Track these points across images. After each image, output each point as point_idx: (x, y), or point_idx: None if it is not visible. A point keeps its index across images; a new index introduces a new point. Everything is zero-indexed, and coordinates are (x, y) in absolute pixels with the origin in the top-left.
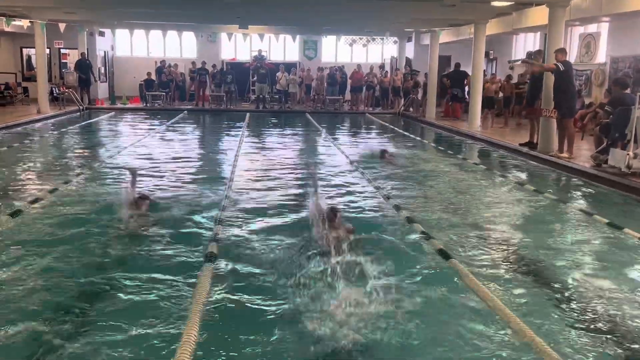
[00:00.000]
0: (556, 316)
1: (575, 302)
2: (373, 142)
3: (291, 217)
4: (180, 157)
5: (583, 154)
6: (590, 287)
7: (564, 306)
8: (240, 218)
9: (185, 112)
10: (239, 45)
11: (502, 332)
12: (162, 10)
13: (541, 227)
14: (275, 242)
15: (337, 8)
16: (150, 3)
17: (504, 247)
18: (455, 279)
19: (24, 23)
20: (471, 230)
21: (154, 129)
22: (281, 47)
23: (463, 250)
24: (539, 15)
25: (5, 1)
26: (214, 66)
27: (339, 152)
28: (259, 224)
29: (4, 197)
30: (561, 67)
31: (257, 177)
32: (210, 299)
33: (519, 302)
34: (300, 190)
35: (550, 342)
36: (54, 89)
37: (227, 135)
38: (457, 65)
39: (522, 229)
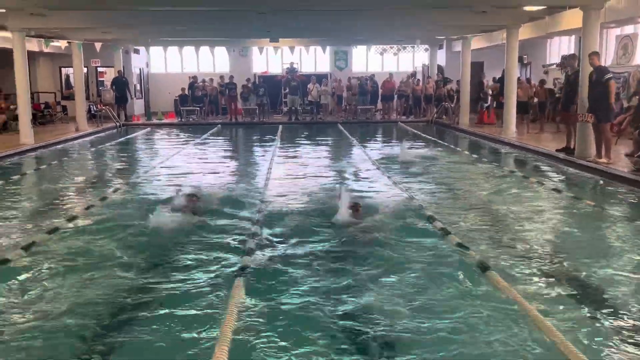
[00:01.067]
0: (602, 330)
1: (622, 315)
2: (405, 149)
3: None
4: (216, 168)
5: (622, 158)
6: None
7: (610, 321)
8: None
9: (219, 126)
10: (270, 58)
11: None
12: (194, 27)
13: (581, 235)
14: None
15: (368, 18)
16: (183, 20)
17: (545, 256)
18: (491, 288)
19: (62, 44)
20: (510, 239)
21: (189, 142)
22: (312, 59)
23: (502, 260)
24: (573, 18)
25: (44, 23)
26: (247, 80)
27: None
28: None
29: (60, 208)
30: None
31: (290, 183)
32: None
33: (561, 313)
34: (330, 193)
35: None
36: (91, 106)
37: (261, 146)
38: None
39: (561, 236)
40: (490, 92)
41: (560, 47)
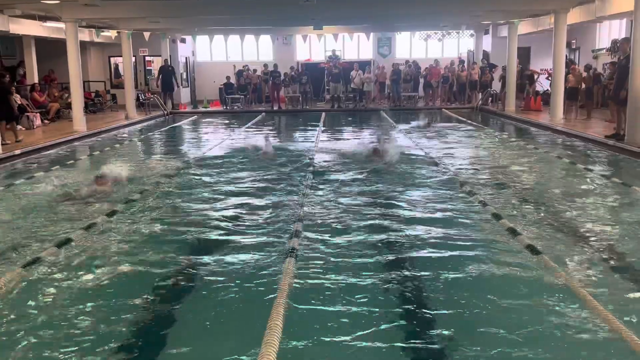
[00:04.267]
0: None
1: None
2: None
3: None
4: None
5: None
6: None
7: None
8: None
9: (263, 114)
10: (313, 45)
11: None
12: (239, 16)
13: (632, 222)
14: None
15: (412, 3)
16: (228, 8)
17: (598, 245)
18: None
19: (112, 33)
20: (561, 226)
21: (236, 129)
22: (355, 46)
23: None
24: (625, 1)
25: (97, 13)
26: (291, 68)
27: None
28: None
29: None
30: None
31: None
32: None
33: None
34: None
35: None
36: (140, 95)
37: (306, 130)
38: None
39: (611, 223)
40: (536, 77)
41: (610, 31)
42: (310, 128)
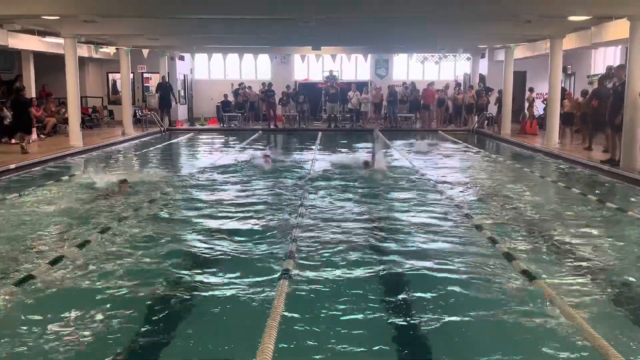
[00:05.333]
0: None
1: None
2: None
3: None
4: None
5: None
6: None
7: None
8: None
9: (260, 131)
10: (311, 65)
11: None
12: (238, 34)
13: (626, 247)
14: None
15: (410, 27)
16: (227, 28)
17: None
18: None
19: (111, 50)
20: (554, 250)
21: (234, 146)
22: (353, 67)
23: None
24: (620, 28)
25: (96, 30)
26: (287, 87)
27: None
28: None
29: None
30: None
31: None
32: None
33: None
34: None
35: None
36: (137, 111)
37: (303, 149)
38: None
39: (606, 249)
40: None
41: (605, 58)
42: (307, 148)
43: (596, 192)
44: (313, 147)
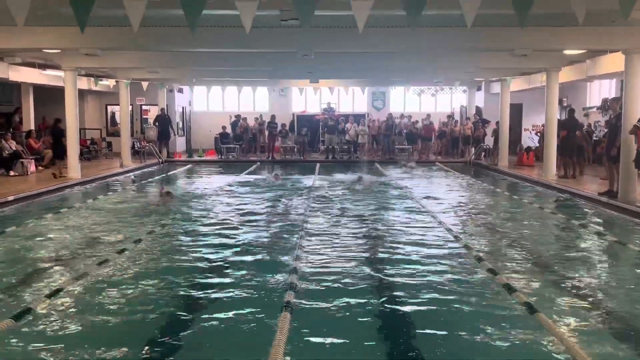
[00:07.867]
0: None
1: None
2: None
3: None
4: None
5: None
6: None
7: None
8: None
9: (258, 163)
10: (309, 97)
11: None
12: (237, 68)
13: (625, 280)
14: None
15: (407, 60)
16: (227, 61)
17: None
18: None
19: (110, 82)
20: (555, 282)
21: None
22: (350, 99)
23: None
24: (615, 61)
25: (97, 63)
26: (282, 125)
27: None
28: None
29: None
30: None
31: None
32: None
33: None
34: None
35: None
36: (135, 143)
37: (302, 177)
38: (571, 111)
39: (606, 281)
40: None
41: (600, 90)
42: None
43: (594, 224)
44: (312, 175)
